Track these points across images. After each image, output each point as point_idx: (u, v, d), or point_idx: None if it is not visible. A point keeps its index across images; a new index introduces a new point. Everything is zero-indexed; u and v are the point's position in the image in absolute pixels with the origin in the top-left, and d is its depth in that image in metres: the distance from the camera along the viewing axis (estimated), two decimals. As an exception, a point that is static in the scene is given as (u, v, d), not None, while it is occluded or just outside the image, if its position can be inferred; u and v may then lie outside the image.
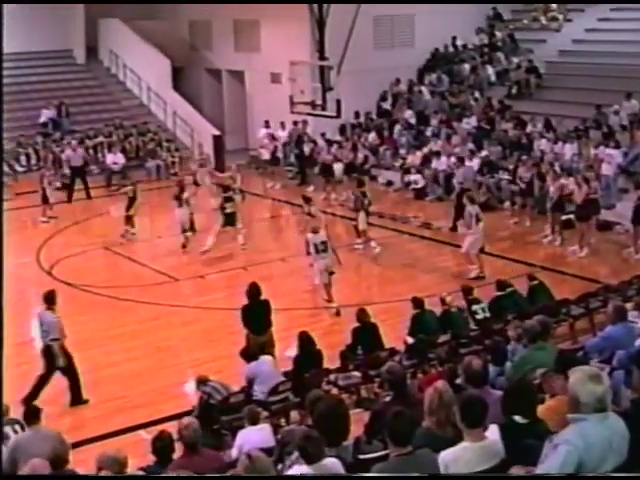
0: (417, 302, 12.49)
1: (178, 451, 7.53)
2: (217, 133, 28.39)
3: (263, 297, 12.51)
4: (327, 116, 22.23)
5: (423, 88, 28.17)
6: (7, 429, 9.07)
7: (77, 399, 12.05)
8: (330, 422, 6.13)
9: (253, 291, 12.43)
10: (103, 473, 6.41)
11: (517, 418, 5.75)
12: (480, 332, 12.31)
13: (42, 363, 12.26)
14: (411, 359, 11.84)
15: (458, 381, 7.32)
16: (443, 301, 12.63)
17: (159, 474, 6.95)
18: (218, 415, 10.24)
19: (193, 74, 31.45)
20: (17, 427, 9.17)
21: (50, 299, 12.26)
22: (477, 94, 26.93)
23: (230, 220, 18.58)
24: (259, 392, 10.70)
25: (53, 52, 30.57)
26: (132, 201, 20.03)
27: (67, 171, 24.80)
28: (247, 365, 11.00)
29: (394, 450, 5.46)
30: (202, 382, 10.57)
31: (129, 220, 19.95)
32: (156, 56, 29.66)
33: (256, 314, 12.30)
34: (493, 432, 5.56)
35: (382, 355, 11.60)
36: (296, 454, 5.94)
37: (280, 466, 6.36)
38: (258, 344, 11.97)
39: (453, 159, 22.99)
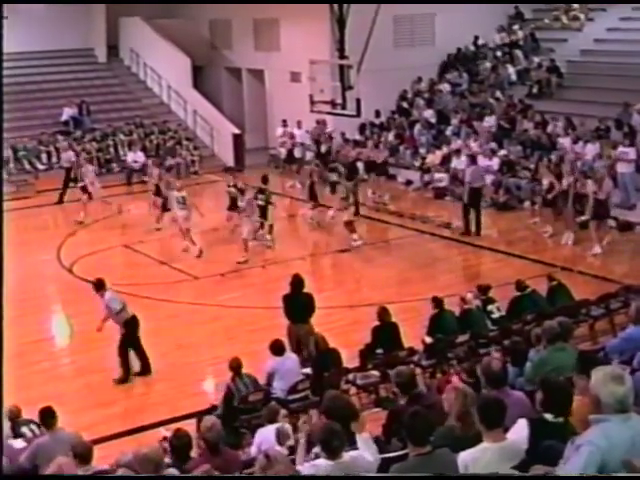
0: (437, 301, 12.45)
1: (195, 448, 7.57)
2: (237, 132, 28.46)
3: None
4: (347, 115, 22.18)
5: (443, 87, 28.12)
6: (24, 429, 9.11)
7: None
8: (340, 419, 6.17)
9: (296, 281, 12.54)
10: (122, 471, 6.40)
11: (548, 416, 5.71)
12: (499, 332, 12.27)
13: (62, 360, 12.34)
14: (430, 359, 11.83)
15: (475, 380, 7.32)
16: (464, 300, 12.57)
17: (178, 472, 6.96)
18: (238, 412, 10.27)
19: (213, 73, 31.53)
20: (33, 426, 9.20)
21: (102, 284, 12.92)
22: (498, 93, 26.84)
23: (262, 213, 18.85)
24: (278, 389, 10.71)
25: (74, 50, 30.75)
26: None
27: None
28: (268, 360, 10.97)
29: (413, 450, 5.47)
30: (236, 376, 10.51)
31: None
32: (176, 55, 29.76)
33: (297, 304, 12.40)
34: (522, 427, 5.53)
35: (401, 355, 11.59)
36: (318, 448, 5.94)
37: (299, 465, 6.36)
38: (297, 334, 12.06)
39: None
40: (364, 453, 6.09)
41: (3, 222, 4.71)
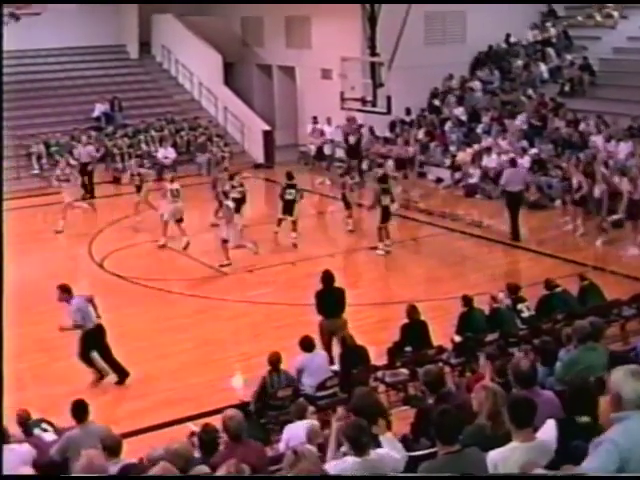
0: (466, 300, 12.40)
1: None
2: (267, 128, 28.50)
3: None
4: (377, 112, 22.16)
5: (474, 85, 27.99)
6: (36, 431, 9.11)
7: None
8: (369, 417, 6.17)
9: (327, 277, 12.57)
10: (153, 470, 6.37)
11: (577, 417, 5.68)
12: (529, 331, 12.19)
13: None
14: (459, 357, 11.78)
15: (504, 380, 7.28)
16: (495, 299, 12.50)
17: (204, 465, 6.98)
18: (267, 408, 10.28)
19: (244, 70, 31.61)
20: (44, 425, 9.22)
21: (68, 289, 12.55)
22: (530, 91, 26.67)
23: (288, 208, 18.87)
24: (307, 385, 10.71)
25: (107, 47, 30.95)
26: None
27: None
28: (297, 356, 10.97)
29: (442, 448, 5.45)
30: (273, 371, 10.52)
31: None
32: (208, 52, 29.87)
33: (330, 299, 12.42)
34: (550, 427, 5.50)
35: (430, 353, 11.56)
36: (346, 446, 5.93)
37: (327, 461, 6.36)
38: (330, 329, 12.09)
39: (504, 157, 22.83)
40: (391, 451, 6.08)
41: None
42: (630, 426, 4.53)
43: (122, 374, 12.57)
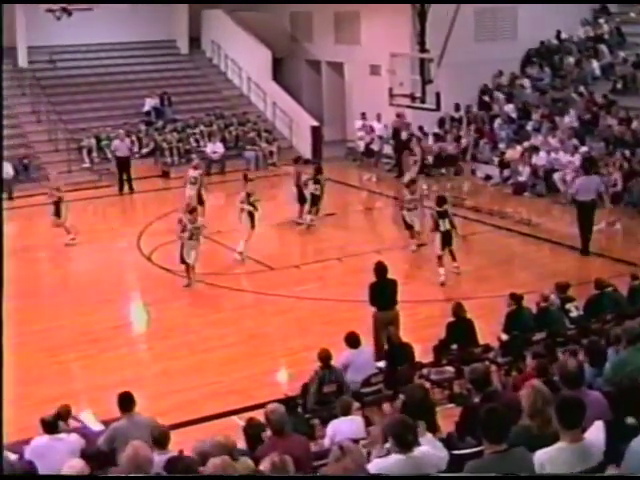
0: (515, 298, 12.24)
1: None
2: (315, 124, 28.53)
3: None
4: (426, 109, 22.04)
5: (525, 81, 27.73)
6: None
7: None
8: (421, 413, 6.15)
9: (380, 268, 12.53)
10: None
11: (626, 419, 5.62)
12: (577, 331, 12.05)
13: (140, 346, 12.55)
14: (505, 356, 11.68)
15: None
16: (545, 298, 12.35)
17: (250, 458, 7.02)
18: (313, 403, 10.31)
19: (293, 65, 31.66)
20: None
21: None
22: (581, 88, 26.34)
23: (313, 201, 18.82)
24: (351, 381, 10.71)
25: (157, 42, 31.27)
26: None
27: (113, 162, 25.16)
28: (343, 352, 10.97)
29: (489, 447, 5.41)
30: (325, 368, 10.55)
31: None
32: (257, 47, 29.97)
33: (383, 291, 12.41)
34: (598, 428, 5.44)
35: (476, 351, 11.48)
36: (390, 442, 5.92)
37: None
38: (384, 320, 12.07)
39: (553, 155, 22.58)
40: (434, 450, 6.07)
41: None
42: None
43: None
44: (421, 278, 17.42)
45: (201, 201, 19.93)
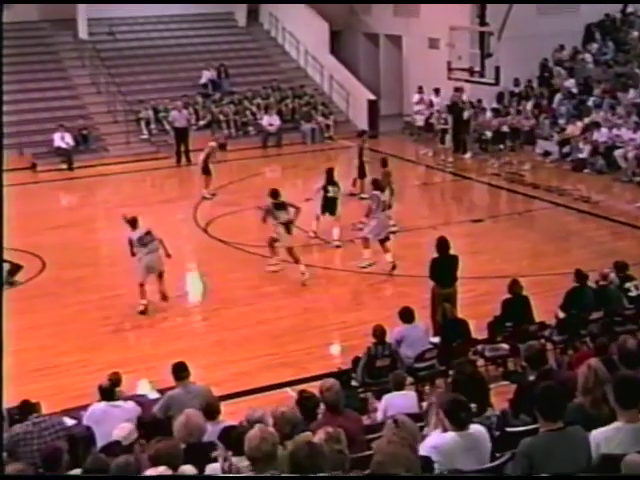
0: (580, 275, 11.91)
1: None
2: (372, 98, 28.37)
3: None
4: (485, 83, 21.78)
5: (587, 56, 27.19)
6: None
7: None
8: (472, 389, 6.11)
9: (442, 244, 12.44)
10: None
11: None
12: (636, 311, 11.86)
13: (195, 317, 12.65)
14: (561, 334, 11.55)
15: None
16: (605, 277, 12.12)
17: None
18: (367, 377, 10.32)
19: (351, 38, 31.48)
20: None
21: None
22: (645, 64, 25.77)
23: (330, 206, 17.36)
24: (404, 356, 10.69)
25: (215, 14, 31.32)
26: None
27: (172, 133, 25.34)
28: (397, 327, 10.94)
29: (544, 425, 5.36)
30: (379, 344, 10.51)
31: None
32: (315, 20, 29.82)
33: (444, 267, 12.34)
34: None
35: (531, 329, 11.36)
36: (445, 420, 5.90)
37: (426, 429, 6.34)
38: (442, 296, 12.03)
39: (615, 132, 22.15)
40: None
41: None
42: None
43: None
44: (477, 254, 17.25)
45: (207, 171, 20.57)
